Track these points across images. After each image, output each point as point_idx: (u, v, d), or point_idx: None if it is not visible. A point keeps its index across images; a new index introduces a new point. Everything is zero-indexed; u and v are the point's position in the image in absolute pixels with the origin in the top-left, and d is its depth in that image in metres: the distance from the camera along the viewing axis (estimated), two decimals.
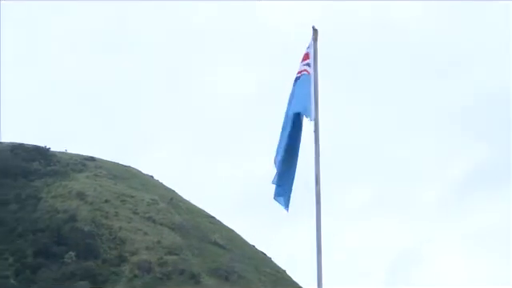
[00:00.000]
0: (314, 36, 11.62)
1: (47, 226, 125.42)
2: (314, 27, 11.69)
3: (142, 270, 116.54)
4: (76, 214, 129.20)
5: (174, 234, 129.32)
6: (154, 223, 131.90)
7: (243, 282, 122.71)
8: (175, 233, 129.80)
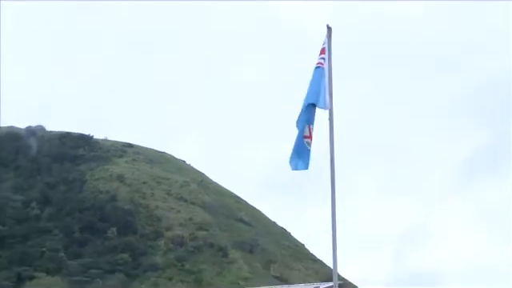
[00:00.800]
0: (328, 33, 11.64)
1: (91, 205, 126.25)
2: (328, 25, 11.71)
3: (175, 243, 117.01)
4: (116, 195, 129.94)
5: (204, 212, 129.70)
6: (186, 202, 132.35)
7: (265, 255, 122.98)
8: (205, 211, 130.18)
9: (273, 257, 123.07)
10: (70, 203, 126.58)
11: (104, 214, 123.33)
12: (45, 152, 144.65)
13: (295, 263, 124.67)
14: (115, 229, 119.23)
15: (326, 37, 11.61)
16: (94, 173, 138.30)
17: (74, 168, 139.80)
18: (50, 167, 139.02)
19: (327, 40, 11.60)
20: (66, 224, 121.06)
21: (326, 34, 11.68)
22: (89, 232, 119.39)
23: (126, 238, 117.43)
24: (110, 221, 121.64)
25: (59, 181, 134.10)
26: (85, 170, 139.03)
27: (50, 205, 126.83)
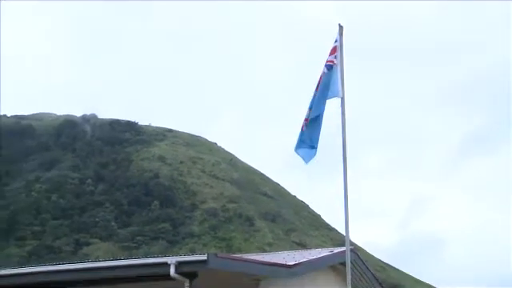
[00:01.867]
0: (340, 31, 11.52)
1: (137, 181, 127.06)
2: (340, 24, 11.61)
3: (209, 214, 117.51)
4: (158, 173, 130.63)
5: (233, 187, 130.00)
6: (218, 179, 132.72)
7: (286, 224, 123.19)
8: (234, 186, 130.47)
9: (293, 225, 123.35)
10: (119, 180, 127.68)
11: (148, 190, 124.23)
12: (97, 136, 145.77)
13: (312, 231, 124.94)
14: (158, 202, 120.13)
15: (338, 34, 11.50)
16: (139, 154, 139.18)
17: (122, 150, 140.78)
18: (101, 150, 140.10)
19: (339, 37, 11.48)
20: (115, 198, 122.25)
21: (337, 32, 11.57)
22: (135, 205, 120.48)
23: (166, 210, 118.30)
24: (153, 195, 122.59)
25: (110, 161, 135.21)
26: (131, 152, 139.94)
27: (103, 182, 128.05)
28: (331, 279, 15.94)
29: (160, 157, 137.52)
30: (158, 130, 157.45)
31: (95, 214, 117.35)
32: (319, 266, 15.36)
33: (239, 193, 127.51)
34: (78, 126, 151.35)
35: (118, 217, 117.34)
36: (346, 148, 11.13)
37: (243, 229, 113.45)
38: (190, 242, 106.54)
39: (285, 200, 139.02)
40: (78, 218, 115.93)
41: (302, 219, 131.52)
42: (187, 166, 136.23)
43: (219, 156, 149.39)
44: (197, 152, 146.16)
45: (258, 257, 16.19)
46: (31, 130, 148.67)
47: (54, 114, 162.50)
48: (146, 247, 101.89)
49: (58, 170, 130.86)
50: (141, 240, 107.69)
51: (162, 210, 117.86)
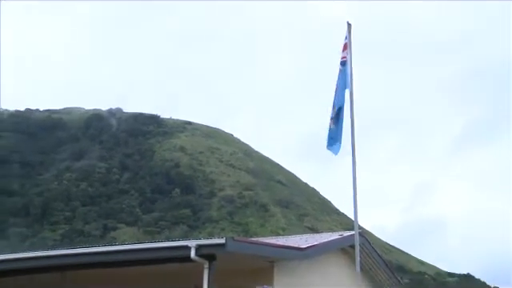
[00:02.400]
0: (348, 29, 11.50)
1: (159, 171, 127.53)
2: (349, 22, 11.58)
3: (226, 201, 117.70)
4: (179, 162, 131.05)
5: (249, 175, 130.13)
6: (234, 168, 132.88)
7: (299, 209, 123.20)
8: (249, 175, 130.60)
9: (305, 211, 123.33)
10: (143, 169, 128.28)
11: (169, 178, 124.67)
12: (122, 129, 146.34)
13: (323, 216, 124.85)
14: (178, 190, 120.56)
15: (347, 31, 11.48)
16: (161, 145, 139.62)
17: (146, 141, 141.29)
18: (126, 141, 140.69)
19: (348, 34, 11.47)
20: (140, 186, 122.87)
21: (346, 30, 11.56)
22: (158, 192, 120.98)
23: (187, 197, 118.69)
24: (174, 183, 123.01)
25: (134, 152, 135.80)
26: (154, 143, 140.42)
27: (127, 171, 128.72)
28: (341, 261, 15.92)
29: (180, 147, 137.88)
30: (179, 123, 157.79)
31: (121, 201, 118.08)
32: (330, 248, 15.34)
33: (254, 181, 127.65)
34: (105, 119, 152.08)
35: (142, 203, 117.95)
36: (354, 137, 11.09)
37: (258, 214, 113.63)
38: (208, 226, 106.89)
39: (297, 187, 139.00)
40: (105, 205, 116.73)
41: (314, 205, 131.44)
42: (206, 156, 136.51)
43: (235, 146, 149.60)
44: (215, 143, 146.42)
45: (272, 240, 16.20)
46: (62, 123, 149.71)
47: (82, 108, 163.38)
48: (168, 231, 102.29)
49: (86, 160, 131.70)
50: (163, 225, 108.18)
51: (183, 197, 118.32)
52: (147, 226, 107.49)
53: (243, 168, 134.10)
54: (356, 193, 10.88)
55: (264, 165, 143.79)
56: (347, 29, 11.55)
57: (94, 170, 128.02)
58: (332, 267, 15.57)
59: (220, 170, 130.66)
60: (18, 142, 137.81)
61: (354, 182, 10.92)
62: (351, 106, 11.06)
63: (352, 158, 11.08)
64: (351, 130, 11.07)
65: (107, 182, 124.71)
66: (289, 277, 13.31)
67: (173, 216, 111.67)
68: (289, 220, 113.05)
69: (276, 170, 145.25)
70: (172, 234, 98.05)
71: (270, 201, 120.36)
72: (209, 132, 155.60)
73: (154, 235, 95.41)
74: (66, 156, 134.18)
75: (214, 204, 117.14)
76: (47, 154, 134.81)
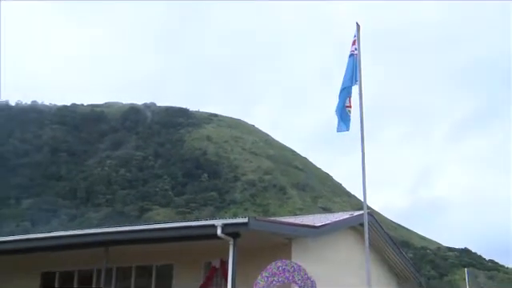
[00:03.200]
0: (357, 28, 11.47)
1: (189, 158, 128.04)
2: (358, 23, 11.54)
3: (249, 184, 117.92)
4: (206, 151, 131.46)
5: (269, 161, 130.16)
6: (256, 155, 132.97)
7: (313, 191, 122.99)
8: (269, 161, 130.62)
9: (319, 193, 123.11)
10: (175, 156, 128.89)
11: (198, 164, 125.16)
12: (156, 121, 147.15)
13: (335, 198, 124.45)
14: (206, 175, 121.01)
15: (356, 31, 11.48)
16: (190, 135, 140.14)
17: (176, 132, 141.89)
18: (159, 132, 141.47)
19: (357, 33, 11.47)
20: (172, 171, 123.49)
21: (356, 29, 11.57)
22: (188, 177, 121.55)
23: (213, 181, 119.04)
24: (203, 169, 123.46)
25: (166, 141, 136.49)
26: (184, 133, 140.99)
27: (161, 158, 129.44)
28: (351, 238, 15.91)
29: (207, 137, 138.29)
30: (206, 115, 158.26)
31: (155, 185, 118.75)
32: (341, 226, 15.33)
33: (274, 166, 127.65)
34: (141, 112, 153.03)
35: (174, 187, 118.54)
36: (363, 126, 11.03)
37: (277, 196, 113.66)
38: (233, 207, 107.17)
39: (312, 172, 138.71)
40: (141, 188, 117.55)
41: (327, 188, 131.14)
42: (230, 145, 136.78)
43: (256, 136, 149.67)
44: (238, 132, 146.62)
45: (290, 220, 16.24)
46: (103, 116, 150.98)
47: (120, 103, 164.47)
48: (197, 212, 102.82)
49: (124, 149, 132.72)
50: (193, 206, 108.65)
51: (210, 182, 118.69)
52: (179, 207, 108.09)
53: (263, 155, 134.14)
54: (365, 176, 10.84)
55: (282, 152, 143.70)
56: (356, 28, 11.59)
57: (131, 158, 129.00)
58: (343, 243, 15.57)
59: (243, 156, 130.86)
60: (65, 133, 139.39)
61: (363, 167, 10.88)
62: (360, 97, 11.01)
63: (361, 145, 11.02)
64: (360, 120, 11.01)
65: (143, 168, 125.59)
66: (305, 252, 13.35)
67: (201, 198, 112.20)
68: (304, 201, 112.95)
69: (293, 156, 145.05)
70: (201, 214, 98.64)
71: (288, 184, 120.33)
72: (232, 123, 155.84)
73: (185, 215, 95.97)
74: (106, 145, 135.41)
75: (238, 187, 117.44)
76: (91, 143, 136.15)
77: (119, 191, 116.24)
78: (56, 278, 15.80)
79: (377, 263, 17.16)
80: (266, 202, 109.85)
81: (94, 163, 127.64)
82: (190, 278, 13.59)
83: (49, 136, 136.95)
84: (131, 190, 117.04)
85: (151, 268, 14.58)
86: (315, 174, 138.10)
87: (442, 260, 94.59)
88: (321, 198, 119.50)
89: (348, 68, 11.24)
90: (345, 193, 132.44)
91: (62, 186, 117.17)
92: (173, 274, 14.20)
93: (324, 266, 13.98)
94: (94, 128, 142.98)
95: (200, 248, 12.85)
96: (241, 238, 11.32)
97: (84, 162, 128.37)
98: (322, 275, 13.30)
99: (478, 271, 77.34)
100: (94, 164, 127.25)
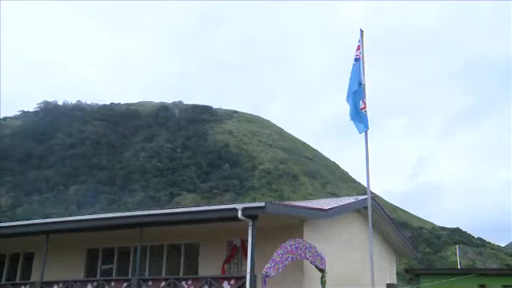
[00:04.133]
0: (361, 34, 11.37)
1: (212, 149, 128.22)
2: (361, 29, 11.44)
3: (265, 173, 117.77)
4: (228, 143, 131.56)
5: (283, 152, 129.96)
6: (271, 147, 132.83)
7: (323, 179, 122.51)
8: (283, 152, 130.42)
9: (327, 180, 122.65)
10: (200, 149, 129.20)
11: (220, 155, 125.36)
12: (183, 117, 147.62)
13: (342, 184, 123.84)
14: (228, 164, 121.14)
15: (360, 36, 11.38)
16: (213, 129, 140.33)
17: (201, 127, 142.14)
18: (186, 127, 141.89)
19: (361, 38, 11.38)
20: (197, 161, 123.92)
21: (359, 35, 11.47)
22: (211, 166, 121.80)
23: (234, 170, 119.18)
24: (224, 159, 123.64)
25: (193, 135, 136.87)
26: (207, 128, 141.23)
27: (188, 150, 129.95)
28: (356, 219, 15.86)
29: (229, 131, 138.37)
30: (227, 112, 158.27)
31: (183, 173, 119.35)
32: (347, 209, 15.29)
33: (287, 156, 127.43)
34: (170, 109, 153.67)
35: (200, 175, 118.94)
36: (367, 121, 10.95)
37: (290, 183, 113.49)
38: (251, 193, 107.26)
39: (321, 161, 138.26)
40: (171, 176, 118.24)
41: (334, 176, 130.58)
42: (249, 138, 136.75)
43: (272, 130, 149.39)
44: (255, 127, 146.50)
45: (302, 203, 16.24)
46: (137, 113, 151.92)
47: (152, 102, 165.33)
48: (220, 197, 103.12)
49: (156, 142, 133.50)
50: (216, 192, 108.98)
51: (231, 170, 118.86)
52: (204, 193, 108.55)
53: (278, 146, 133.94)
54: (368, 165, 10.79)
55: (294, 144, 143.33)
56: (360, 34, 11.48)
57: (162, 150, 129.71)
58: (349, 224, 15.53)
59: (260, 148, 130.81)
60: (105, 128, 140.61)
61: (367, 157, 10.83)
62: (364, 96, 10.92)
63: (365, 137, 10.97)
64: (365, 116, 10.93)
65: (172, 159, 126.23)
66: (315, 232, 13.34)
67: (223, 185, 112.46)
68: (315, 187, 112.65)
69: (304, 148, 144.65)
70: (223, 199, 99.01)
71: (300, 172, 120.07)
72: (251, 119, 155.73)
73: (209, 200, 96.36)
74: (140, 139, 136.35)
75: (256, 175, 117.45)
76: (127, 137, 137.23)
77: (152, 179, 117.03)
78: (99, 253, 16.01)
79: (379, 241, 17.11)
80: (280, 188, 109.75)
81: (130, 154, 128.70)
82: (214, 255, 13.67)
83: (91, 131, 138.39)
84: (162, 177, 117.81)
85: (180, 246, 14.66)
86: (324, 164, 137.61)
87: (436, 238, 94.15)
88: (329, 184, 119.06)
89: (354, 72, 11.11)
90: (350, 180, 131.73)
91: (103, 174, 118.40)
92: (199, 252, 14.26)
93: (332, 244, 13.98)
94: (130, 124, 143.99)
95: (223, 229, 12.91)
96: (258, 219, 11.34)
97: (121, 153, 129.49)
98: (330, 252, 13.31)
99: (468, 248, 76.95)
100: (130, 155, 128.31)
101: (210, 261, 13.68)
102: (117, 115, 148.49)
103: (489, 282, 24.28)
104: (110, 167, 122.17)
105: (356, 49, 11.40)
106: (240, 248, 13.00)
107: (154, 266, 14.57)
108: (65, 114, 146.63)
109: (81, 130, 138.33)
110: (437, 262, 70.04)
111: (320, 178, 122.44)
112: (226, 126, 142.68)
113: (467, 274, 25.31)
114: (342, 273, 13.93)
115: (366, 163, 10.74)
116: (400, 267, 23.64)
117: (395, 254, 18.76)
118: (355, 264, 14.53)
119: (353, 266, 14.58)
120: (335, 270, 13.35)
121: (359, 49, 11.31)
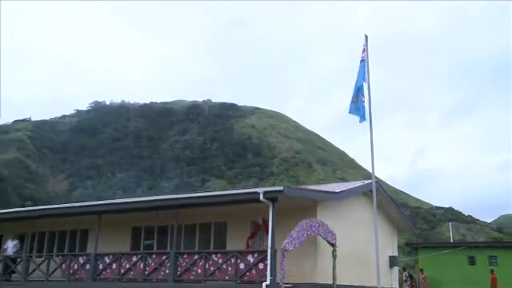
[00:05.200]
0: (365, 39, 11.23)
1: (237, 141, 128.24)
2: (366, 34, 11.29)
3: (283, 161, 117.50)
4: (251, 135, 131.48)
5: (298, 143, 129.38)
6: (288, 138, 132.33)
7: (333, 165, 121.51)
8: (298, 143, 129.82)
9: (337, 167, 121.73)
10: (226, 140, 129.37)
11: (245, 146, 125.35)
12: (212, 113, 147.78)
13: (350, 170, 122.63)
14: (251, 154, 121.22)
15: (365, 41, 11.24)
16: (238, 124, 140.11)
17: (228, 121, 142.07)
18: (215, 122, 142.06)
19: (365, 43, 11.25)
20: (224, 152, 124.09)
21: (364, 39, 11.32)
22: (236, 156, 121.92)
23: (256, 159, 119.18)
24: (248, 150, 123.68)
25: (220, 129, 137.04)
26: (233, 123, 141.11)
27: (216, 141, 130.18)
28: (363, 201, 15.78)
29: (251, 125, 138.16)
30: (250, 108, 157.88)
31: (212, 162, 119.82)
32: (355, 192, 15.23)
33: (302, 147, 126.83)
34: (200, 106, 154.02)
35: (226, 163, 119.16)
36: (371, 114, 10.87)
37: (305, 170, 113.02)
38: (271, 178, 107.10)
39: (332, 150, 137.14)
40: (202, 165, 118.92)
41: (343, 163, 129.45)
42: (269, 131, 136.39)
43: (289, 123, 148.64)
44: (275, 121, 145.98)
45: (315, 187, 16.24)
46: (172, 110, 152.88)
47: (185, 100, 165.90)
48: (244, 182, 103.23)
49: (188, 135, 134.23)
50: (241, 178, 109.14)
51: (254, 159, 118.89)
52: (230, 179, 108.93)
53: (294, 138, 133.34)
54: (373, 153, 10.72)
55: (309, 136, 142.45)
56: (365, 39, 11.33)
57: (193, 142, 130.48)
58: (356, 205, 15.46)
59: (278, 140, 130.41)
60: (145, 124, 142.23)
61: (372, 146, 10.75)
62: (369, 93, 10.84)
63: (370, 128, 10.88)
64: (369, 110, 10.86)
65: (203, 150, 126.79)
66: (327, 212, 13.34)
67: (247, 172, 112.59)
68: (326, 173, 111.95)
69: (317, 138, 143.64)
70: (247, 184, 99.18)
71: (313, 160, 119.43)
72: (270, 114, 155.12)
73: (235, 185, 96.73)
74: (175, 133, 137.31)
75: (275, 163, 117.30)
76: (163, 131, 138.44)
77: (185, 167, 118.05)
78: (142, 231, 16.29)
79: (382, 219, 17.00)
80: (296, 174, 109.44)
81: (166, 146, 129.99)
82: (239, 232, 13.77)
83: (133, 126, 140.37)
84: (194, 166, 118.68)
85: (210, 225, 14.79)
86: (334, 152, 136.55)
87: (432, 216, 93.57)
88: (338, 170, 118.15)
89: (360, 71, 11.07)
90: (358, 166, 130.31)
91: (143, 163, 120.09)
92: (227, 229, 14.37)
93: (342, 222, 13.96)
94: (166, 120, 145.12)
95: (247, 209, 12.99)
96: (278, 201, 11.39)
97: (159, 145, 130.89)
98: (340, 229, 13.30)
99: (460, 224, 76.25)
100: (166, 147, 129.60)
101: (236, 237, 13.77)
102: (155, 112, 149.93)
103: (477, 253, 24.25)
104: (150, 157, 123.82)
105: (362, 51, 11.31)
106: (262, 226, 13.07)
107: (188, 242, 14.76)
108: (112, 112, 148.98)
109: (125, 126, 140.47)
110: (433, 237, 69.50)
111: (331, 165, 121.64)
112: (249, 120, 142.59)
113: (458, 246, 25.27)
114: (350, 247, 13.94)
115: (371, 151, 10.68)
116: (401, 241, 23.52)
117: (396, 230, 18.63)
118: (362, 239, 14.50)
119: (360, 240, 14.55)
120: (344, 245, 13.37)
121: (364, 51, 11.21)
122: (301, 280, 12.15)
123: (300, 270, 12.27)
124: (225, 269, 11.88)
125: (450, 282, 23.89)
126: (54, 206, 16.95)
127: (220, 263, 12.04)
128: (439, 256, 25.05)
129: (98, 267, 14.31)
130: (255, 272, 11.32)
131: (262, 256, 11.35)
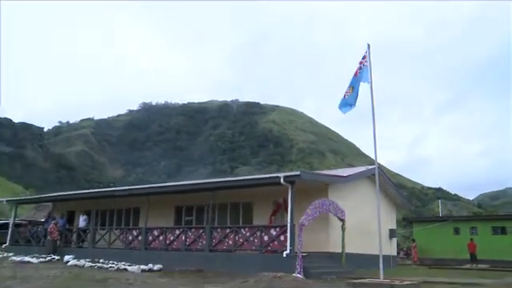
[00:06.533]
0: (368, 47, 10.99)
1: (261, 134, 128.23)
2: (368, 43, 11.03)
3: (300, 151, 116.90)
4: (272, 129, 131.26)
5: (312, 135, 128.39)
6: (305, 131, 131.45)
7: (342, 154, 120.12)
8: (313, 135, 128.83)
9: (346, 155, 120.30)
10: (252, 134, 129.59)
11: (267, 138, 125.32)
12: (239, 111, 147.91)
13: (357, 158, 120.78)
14: (272, 145, 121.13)
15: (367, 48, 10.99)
16: (261, 120, 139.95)
17: (253, 118, 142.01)
18: (242, 118, 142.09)
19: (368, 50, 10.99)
20: (250, 143, 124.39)
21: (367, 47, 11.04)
22: (261, 146, 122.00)
23: (277, 149, 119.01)
24: (270, 141, 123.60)
25: (247, 124, 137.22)
26: (257, 119, 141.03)
27: (243, 135, 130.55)
28: (367, 183, 15.66)
29: (273, 121, 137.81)
30: (271, 106, 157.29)
31: (240, 152, 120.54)
32: (360, 176, 15.13)
33: (316, 139, 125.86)
34: (229, 105, 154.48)
35: (252, 153, 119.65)
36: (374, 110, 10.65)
37: (319, 158, 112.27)
38: (290, 165, 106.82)
39: (341, 142, 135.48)
40: (231, 154, 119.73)
41: (351, 151, 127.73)
42: (287, 125, 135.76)
43: (305, 119, 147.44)
44: (293, 117, 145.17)
45: (326, 172, 16.21)
46: (206, 109, 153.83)
47: (216, 100, 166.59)
48: (267, 168, 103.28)
49: (220, 130, 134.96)
50: (264, 165, 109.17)
51: (275, 149, 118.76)
52: (255, 166, 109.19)
53: (310, 131, 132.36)
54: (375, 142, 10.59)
55: (322, 129, 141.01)
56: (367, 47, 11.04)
57: (224, 135, 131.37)
58: (362, 187, 15.36)
59: (296, 133, 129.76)
60: (184, 120, 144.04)
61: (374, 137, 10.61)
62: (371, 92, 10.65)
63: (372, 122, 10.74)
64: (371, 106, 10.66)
65: (232, 141, 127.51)
66: (337, 193, 13.32)
67: (270, 159, 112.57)
68: (337, 160, 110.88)
69: (329, 132, 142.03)
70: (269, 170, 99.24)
71: (326, 150, 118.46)
72: (289, 111, 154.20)
73: (259, 171, 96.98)
74: (209, 127, 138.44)
75: (293, 152, 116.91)
76: (199, 126, 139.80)
77: (218, 156, 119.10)
78: (183, 209, 16.63)
79: (383, 198, 16.82)
80: (311, 161, 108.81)
81: (202, 139, 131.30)
82: (263, 211, 13.87)
83: (175, 123, 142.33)
84: (225, 155, 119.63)
85: (239, 204, 14.93)
86: (343, 143, 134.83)
87: (424, 195, 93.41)
88: (347, 158, 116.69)
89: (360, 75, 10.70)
90: (363, 154, 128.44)
91: (183, 153, 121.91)
92: (253, 208, 14.49)
93: (350, 201, 13.91)
94: (201, 117, 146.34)
95: (269, 191, 13.07)
96: (296, 184, 11.44)
97: (196, 138, 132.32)
98: (348, 207, 13.28)
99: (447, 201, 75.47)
100: (202, 139, 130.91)
101: (261, 214, 13.86)
102: (192, 111, 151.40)
103: (461, 225, 24.33)
104: (188, 148, 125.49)
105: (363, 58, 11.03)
106: (282, 205, 13.14)
107: (220, 218, 14.98)
108: (157, 111, 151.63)
109: (168, 122, 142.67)
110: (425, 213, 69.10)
111: (340, 153, 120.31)
112: (270, 116, 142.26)
113: (446, 220, 25.45)
114: (356, 222, 13.91)
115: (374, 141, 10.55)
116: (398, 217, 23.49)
117: (395, 207, 18.43)
118: (366, 215, 14.43)
119: (364, 216, 14.49)
120: (352, 220, 13.37)
121: (365, 58, 10.94)
122: (315, 249, 12.28)
123: (314, 241, 12.40)
124: (251, 240, 12.05)
125: (439, 248, 24.57)
126: (113, 189, 17.48)
127: (247, 236, 12.20)
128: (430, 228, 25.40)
129: (148, 238, 14.71)
130: (277, 243, 11.46)
131: (282, 230, 11.46)
